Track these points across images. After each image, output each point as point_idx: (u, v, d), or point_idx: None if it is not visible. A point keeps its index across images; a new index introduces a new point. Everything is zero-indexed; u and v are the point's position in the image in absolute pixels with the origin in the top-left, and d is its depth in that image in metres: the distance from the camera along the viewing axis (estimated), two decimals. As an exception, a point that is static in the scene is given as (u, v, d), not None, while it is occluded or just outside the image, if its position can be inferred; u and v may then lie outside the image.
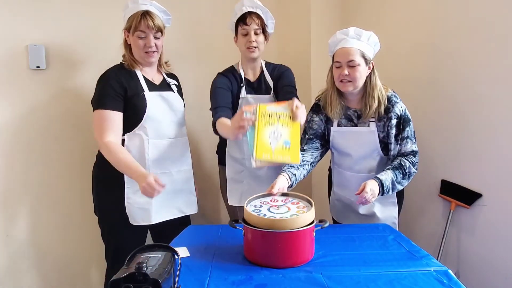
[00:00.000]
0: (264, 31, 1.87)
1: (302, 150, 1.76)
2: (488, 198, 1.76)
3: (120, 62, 1.76)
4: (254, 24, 1.81)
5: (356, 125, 1.73)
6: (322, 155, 1.84)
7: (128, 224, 1.69)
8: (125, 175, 1.66)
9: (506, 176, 1.67)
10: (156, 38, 1.70)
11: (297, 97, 1.82)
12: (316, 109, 1.81)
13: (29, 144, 1.98)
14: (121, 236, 1.72)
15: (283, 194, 1.50)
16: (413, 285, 1.11)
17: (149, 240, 1.89)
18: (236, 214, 2.01)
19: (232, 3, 1.90)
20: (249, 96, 1.92)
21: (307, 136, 1.79)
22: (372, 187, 1.57)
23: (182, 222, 1.83)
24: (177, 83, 1.91)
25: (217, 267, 1.24)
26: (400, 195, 1.81)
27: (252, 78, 1.97)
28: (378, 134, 1.68)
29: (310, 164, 1.77)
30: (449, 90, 1.91)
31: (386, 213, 1.77)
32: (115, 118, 1.64)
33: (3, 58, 1.89)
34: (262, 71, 1.98)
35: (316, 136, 1.79)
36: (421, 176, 2.10)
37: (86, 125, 2.11)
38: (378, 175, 1.62)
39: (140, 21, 1.65)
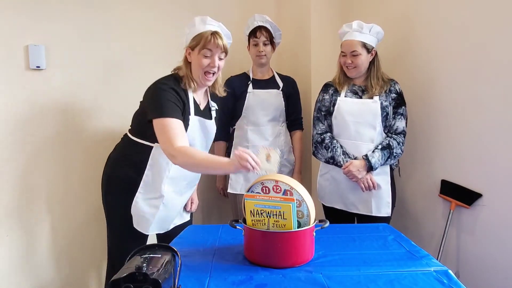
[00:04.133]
0: (272, 42, 2.22)
1: (324, 130, 1.98)
2: (488, 198, 1.76)
3: (174, 75, 1.70)
4: (263, 37, 2.18)
5: (361, 97, 1.93)
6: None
7: (133, 228, 1.67)
8: (142, 182, 1.63)
9: (506, 176, 1.67)
10: (220, 59, 1.67)
11: (301, 124, 2.37)
12: (325, 88, 2.03)
13: (28, 144, 1.98)
14: (125, 239, 1.70)
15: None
16: (413, 285, 1.11)
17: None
18: (236, 204, 2.22)
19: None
20: (256, 90, 2.23)
21: (323, 113, 1.99)
22: (356, 164, 1.82)
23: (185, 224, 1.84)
24: (217, 107, 1.86)
25: (217, 267, 1.24)
26: (392, 185, 1.96)
27: (261, 78, 2.29)
28: (382, 102, 1.88)
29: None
30: (449, 89, 1.91)
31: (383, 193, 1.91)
32: (178, 126, 1.56)
33: (3, 58, 1.89)
34: (273, 75, 2.31)
35: (328, 113, 1.98)
36: (421, 176, 2.11)
37: (86, 125, 2.11)
38: (368, 155, 1.84)
39: (210, 40, 1.61)
